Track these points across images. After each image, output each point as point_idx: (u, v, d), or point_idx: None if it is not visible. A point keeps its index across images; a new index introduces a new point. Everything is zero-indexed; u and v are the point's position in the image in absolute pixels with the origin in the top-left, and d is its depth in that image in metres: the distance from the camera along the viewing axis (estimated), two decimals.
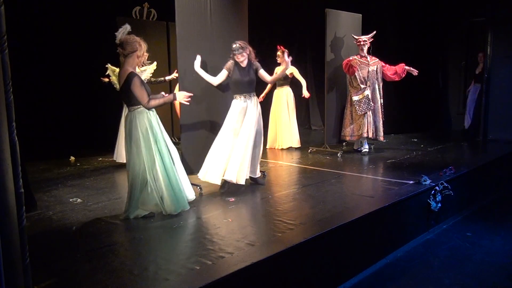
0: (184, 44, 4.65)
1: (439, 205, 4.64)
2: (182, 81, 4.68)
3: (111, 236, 3.45)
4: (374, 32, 6.61)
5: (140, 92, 3.68)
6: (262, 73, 4.77)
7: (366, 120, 6.51)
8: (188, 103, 4.12)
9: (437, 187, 4.67)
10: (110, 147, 7.15)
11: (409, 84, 7.62)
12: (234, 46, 4.62)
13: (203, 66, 4.75)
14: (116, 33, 3.80)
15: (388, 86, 7.17)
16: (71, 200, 4.44)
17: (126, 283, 2.66)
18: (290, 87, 7.34)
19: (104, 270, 2.83)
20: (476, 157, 6.73)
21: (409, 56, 8.13)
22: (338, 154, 6.61)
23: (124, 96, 3.80)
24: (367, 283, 3.63)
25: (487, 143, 7.77)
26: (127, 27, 3.80)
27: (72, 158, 6.45)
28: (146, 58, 3.99)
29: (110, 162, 6.38)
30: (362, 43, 6.54)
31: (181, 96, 4.00)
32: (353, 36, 6.71)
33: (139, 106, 3.77)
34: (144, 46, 3.81)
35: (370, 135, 6.58)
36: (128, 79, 3.69)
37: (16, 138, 2.05)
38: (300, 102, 10.29)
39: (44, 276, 2.72)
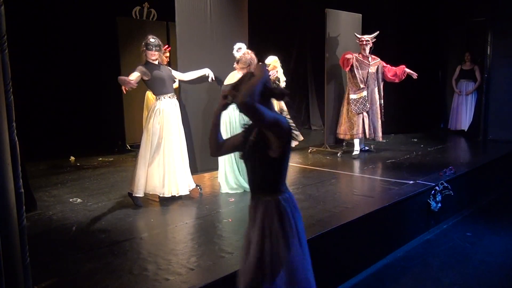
0: (184, 44, 4.66)
1: (439, 205, 4.64)
2: (183, 81, 4.69)
3: (111, 236, 3.45)
4: (378, 32, 6.56)
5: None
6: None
7: (361, 120, 6.45)
8: None
9: (437, 187, 4.67)
10: (110, 147, 7.17)
11: (409, 84, 7.60)
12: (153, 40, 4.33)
13: (203, 66, 4.74)
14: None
15: (388, 86, 7.15)
16: (71, 200, 4.44)
17: (126, 283, 2.66)
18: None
19: (104, 270, 2.84)
20: (476, 157, 6.73)
21: (409, 56, 8.12)
22: (338, 154, 6.60)
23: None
24: (367, 283, 3.63)
25: (487, 143, 7.77)
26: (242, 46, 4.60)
27: (72, 158, 6.45)
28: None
29: (110, 162, 6.38)
30: (364, 42, 6.48)
31: None
32: (355, 35, 6.66)
33: None
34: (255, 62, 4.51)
35: (367, 136, 6.53)
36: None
37: (16, 138, 2.05)
38: (300, 102, 10.33)
39: (44, 276, 2.72)
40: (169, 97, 4.36)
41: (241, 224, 3.78)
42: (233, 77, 4.53)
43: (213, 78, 4.72)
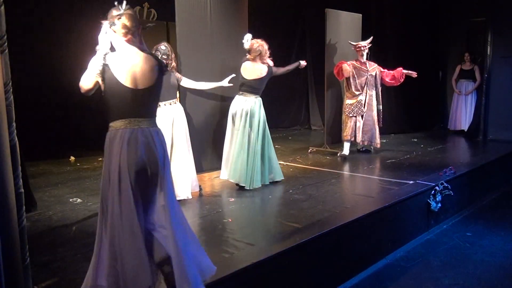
0: (184, 44, 4.65)
1: (439, 205, 4.64)
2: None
3: None
4: (372, 37, 6.53)
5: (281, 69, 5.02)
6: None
7: (355, 124, 6.40)
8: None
9: (437, 187, 4.67)
10: None
11: (409, 84, 7.61)
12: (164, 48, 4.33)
13: (203, 67, 4.74)
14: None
15: (389, 86, 7.16)
16: (71, 200, 4.44)
17: None
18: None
19: None
20: (476, 157, 6.73)
21: (409, 56, 8.13)
22: (338, 154, 6.60)
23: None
24: (367, 283, 3.63)
25: (487, 143, 7.77)
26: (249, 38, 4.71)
27: (72, 158, 6.44)
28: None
29: None
30: (362, 48, 6.43)
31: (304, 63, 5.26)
32: (350, 43, 6.57)
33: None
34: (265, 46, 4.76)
35: (357, 140, 6.48)
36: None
37: (16, 138, 2.05)
38: (300, 101, 10.33)
39: (44, 276, 2.72)
40: (164, 104, 4.28)
41: (241, 224, 3.78)
42: (248, 69, 4.71)
43: (228, 81, 4.73)
